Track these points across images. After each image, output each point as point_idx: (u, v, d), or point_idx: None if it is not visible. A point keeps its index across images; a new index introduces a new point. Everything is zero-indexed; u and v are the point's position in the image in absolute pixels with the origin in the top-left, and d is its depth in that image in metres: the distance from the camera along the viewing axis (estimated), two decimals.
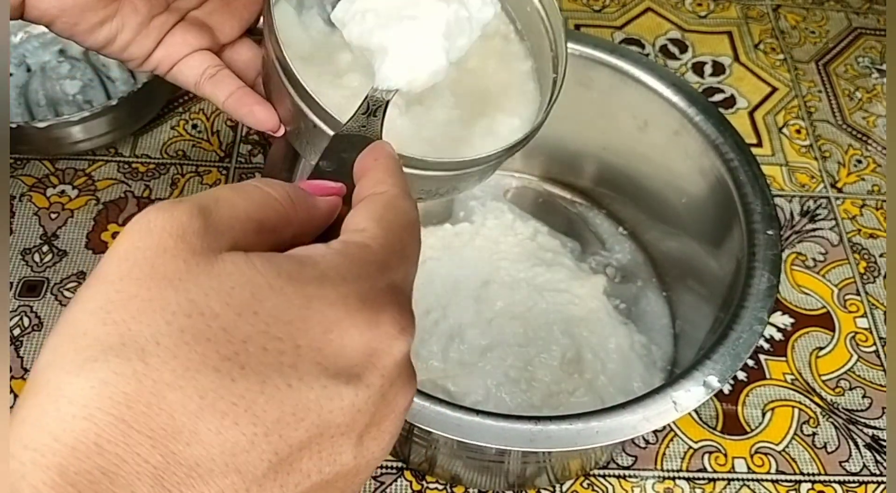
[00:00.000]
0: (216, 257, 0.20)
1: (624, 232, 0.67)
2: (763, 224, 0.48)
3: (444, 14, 0.36)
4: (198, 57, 0.42)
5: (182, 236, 0.20)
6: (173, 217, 0.20)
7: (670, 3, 0.87)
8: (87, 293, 0.20)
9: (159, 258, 0.20)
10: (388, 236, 0.24)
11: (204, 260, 0.20)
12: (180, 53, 0.42)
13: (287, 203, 0.24)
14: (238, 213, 0.22)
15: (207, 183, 0.67)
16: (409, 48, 0.36)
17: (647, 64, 0.57)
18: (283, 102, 0.41)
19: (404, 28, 0.35)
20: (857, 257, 0.69)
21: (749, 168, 0.51)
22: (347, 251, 0.23)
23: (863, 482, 0.57)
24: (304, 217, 0.25)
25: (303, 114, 0.39)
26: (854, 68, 0.83)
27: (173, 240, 0.20)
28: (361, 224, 0.24)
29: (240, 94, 0.42)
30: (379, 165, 0.27)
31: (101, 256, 0.62)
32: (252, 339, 0.19)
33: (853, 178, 0.74)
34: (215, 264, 0.20)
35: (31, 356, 0.58)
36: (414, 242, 0.25)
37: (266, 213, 0.23)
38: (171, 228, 0.20)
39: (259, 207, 0.23)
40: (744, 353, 0.43)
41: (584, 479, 0.56)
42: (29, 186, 0.66)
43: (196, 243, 0.20)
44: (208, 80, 0.42)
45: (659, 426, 0.41)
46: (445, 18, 0.36)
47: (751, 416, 0.59)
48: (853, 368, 0.62)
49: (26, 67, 0.71)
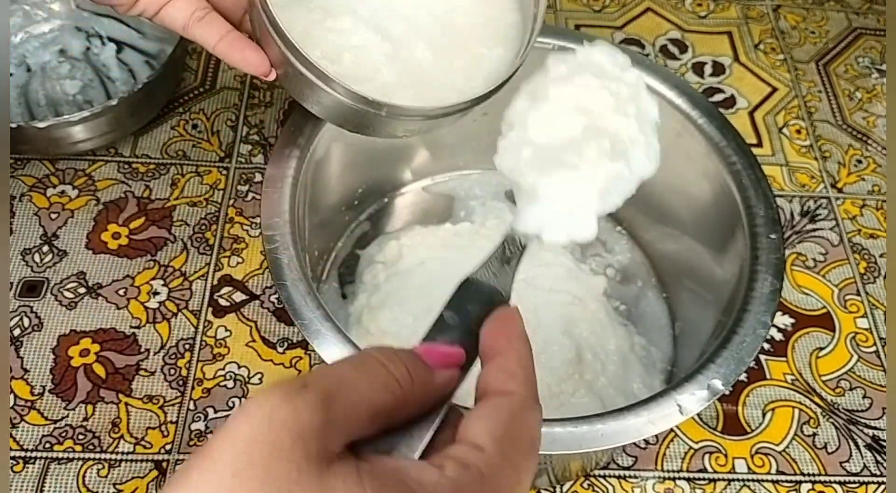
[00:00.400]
0: (329, 467, 0.20)
1: (622, 232, 0.67)
2: (766, 228, 0.48)
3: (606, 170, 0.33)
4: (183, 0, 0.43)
5: (301, 436, 0.20)
6: (296, 411, 0.20)
7: (670, 3, 0.87)
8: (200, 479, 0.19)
9: (275, 460, 0.19)
10: (504, 464, 0.23)
11: (316, 469, 0.20)
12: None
13: (406, 384, 0.23)
14: (359, 401, 0.22)
15: (207, 183, 0.67)
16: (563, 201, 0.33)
17: (648, 65, 0.56)
18: (270, 46, 0.42)
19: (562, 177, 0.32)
20: (857, 258, 0.69)
21: (752, 171, 0.51)
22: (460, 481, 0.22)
23: (863, 482, 0.57)
24: (421, 396, 0.24)
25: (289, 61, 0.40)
26: (854, 68, 0.83)
27: (291, 440, 0.20)
28: (480, 438, 0.23)
29: (230, 37, 0.43)
30: (511, 351, 0.26)
31: (101, 256, 0.63)
32: None
33: (853, 178, 0.74)
34: (328, 477, 0.20)
35: (31, 356, 0.58)
36: (530, 467, 0.24)
37: (385, 398, 0.23)
38: (292, 425, 0.20)
39: (379, 392, 0.23)
40: (747, 357, 0.43)
41: (585, 479, 0.56)
42: (29, 186, 0.66)
43: (312, 447, 0.20)
44: (197, 23, 0.43)
45: (663, 429, 0.41)
46: (606, 174, 0.33)
47: (751, 416, 0.59)
48: (853, 368, 0.62)
49: (26, 67, 0.71)
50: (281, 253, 0.46)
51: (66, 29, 0.73)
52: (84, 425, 0.55)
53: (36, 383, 0.57)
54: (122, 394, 0.57)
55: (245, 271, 0.63)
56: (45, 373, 0.57)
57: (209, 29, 0.43)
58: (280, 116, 0.73)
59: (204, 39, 0.43)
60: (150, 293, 0.61)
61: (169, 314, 0.60)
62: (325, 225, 0.61)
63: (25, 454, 0.54)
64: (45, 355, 0.58)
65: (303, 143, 0.51)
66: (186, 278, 0.62)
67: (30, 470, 0.53)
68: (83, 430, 0.55)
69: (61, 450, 0.54)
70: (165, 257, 0.63)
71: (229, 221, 0.66)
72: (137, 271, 0.62)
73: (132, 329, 0.60)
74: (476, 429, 0.24)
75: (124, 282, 0.62)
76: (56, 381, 0.57)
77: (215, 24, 0.43)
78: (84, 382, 0.57)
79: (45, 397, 0.56)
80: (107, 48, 0.73)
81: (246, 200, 0.67)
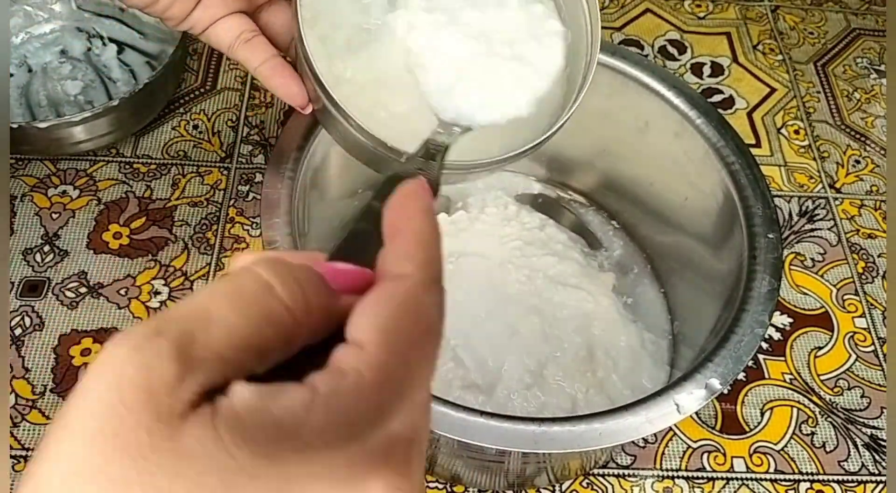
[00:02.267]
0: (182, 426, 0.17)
1: (619, 226, 0.67)
2: (764, 228, 0.48)
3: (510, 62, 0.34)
4: (234, 19, 0.42)
5: (150, 393, 0.17)
6: (146, 365, 0.17)
7: (669, 4, 0.87)
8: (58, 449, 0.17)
9: (124, 425, 0.17)
10: (390, 360, 0.19)
11: (167, 430, 0.17)
12: (217, 14, 0.42)
13: (300, 313, 0.19)
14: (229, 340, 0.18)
15: (208, 183, 0.68)
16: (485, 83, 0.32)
17: (648, 66, 0.57)
18: (307, 78, 0.41)
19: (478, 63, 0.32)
20: (855, 258, 0.69)
21: (750, 171, 0.51)
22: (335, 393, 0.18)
23: (861, 481, 0.57)
24: (319, 324, 0.20)
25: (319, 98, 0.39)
26: (852, 69, 0.84)
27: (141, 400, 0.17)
28: (364, 335, 0.19)
29: (274, 62, 0.42)
30: (409, 230, 0.22)
31: (101, 256, 0.63)
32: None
33: (851, 178, 0.75)
34: (180, 436, 0.17)
35: (32, 356, 0.58)
36: (425, 358, 0.20)
37: (267, 332, 0.19)
38: (140, 382, 0.17)
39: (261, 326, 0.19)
40: (745, 356, 0.43)
41: (584, 478, 0.56)
42: (30, 186, 0.66)
43: (164, 405, 0.17)
44: (243, 45, 0.42)
45: (661, 428, 0.41)
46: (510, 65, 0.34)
47: (749, 415, 0.60)
48: (852, 367, 0.63)
49: (28, 68, 0.71)
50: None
51: (67, 29, 0.74)
52: None
53: (37, 382, 0.57)
54: None
55: None
56: (46, 372, 0.57)
57: (254, 52, 0.42)
58: (281, 117, 0.73)
59: (248, 61, 0.42)
60: (151, 293, 0.62)
61: None
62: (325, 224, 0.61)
63: (27, 454, 0.54)
64: (47, 354, 0.58)
65: (303, 143, 0.51)
66: (187, 278, 0.63)
67: None
68: None
69: None
70: (166, 257, 0.64)
71: (230, 222, 0.66)
72: (138, 271, 0.63)
73: None
74: (360, 325, 0.19)
75: (125, 282, 0.62)
76: (57, 380, 0.57)
77: (261, 48, 0.42)
78: None
79: (46, 396, 0.56)
80: (108, 49, 0.73)
81: (247, 201, 0.67)
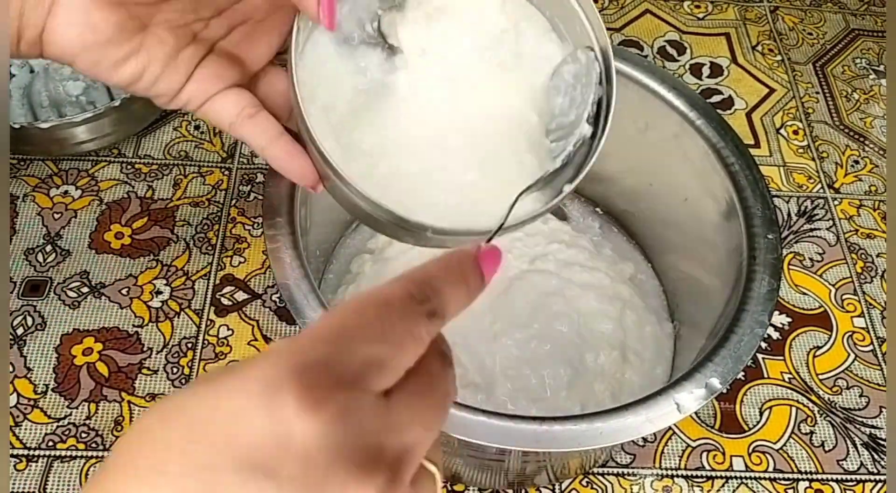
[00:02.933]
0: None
1: (619, 226, 0.68)
2: (763, 228, 0.49)
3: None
4: (232, 94, 0.39)
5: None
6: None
7: (668, 5, 0.88)
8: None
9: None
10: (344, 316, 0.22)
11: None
12: (213, 89, 0.39)
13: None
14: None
15: (210, 183, 0.68)
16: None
17: (647, 67, 0.57)
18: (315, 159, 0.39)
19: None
20: (854, 257, 0.69)
21: (749, 172, 0.51)
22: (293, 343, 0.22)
23: (860, 480, 0.58)
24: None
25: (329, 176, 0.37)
26: (851, 70, 0.84)
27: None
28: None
29: (282, 142, 0.39)
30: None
31: (103, 256, 0.63)
32: (173, 445, 0.20)
33: (850, 178, 0.75)
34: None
35: (33, 356, 0.58)
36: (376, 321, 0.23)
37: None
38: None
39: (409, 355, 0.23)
40: (745, 356, 0.43)
41: (584, 477, 0.56)
42: (32, 186, 0.66)
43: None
44: (246, 121, 0.39)
45: (661, 427, 0.41)
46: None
47: (749, 415, 0.60)
48: (850, 367, 0.63)
49: (29, 68, 0.71)
50: (283, 253, 0.46)
51: None
52: (87, 423, 0.56)
53: (39, 381, 0.57)
54: (125, 393, 0.57)
55: (247, 271, 0.64)
56: (48, 372, 0.58)
57: (259, 129, 0.39)
58: None
59: (253, 140, 0.39)
60: (152, 293, 0.62)
61: (171, 313, 0.61)
62: (326, 224, 0.61)
63: (29, 453, 0.54)
64: (49, 353, 0.58)
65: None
66: (189, 278, 0.63)
67: (33, 469, 0.54)
68: (86, 428, 0.56)
69: (64, 449, 0.55)
70: (168, 257, 0.64)
71: (231, 221, 0.66)
72: (140, 271, 0.63)
73: (135, 328, 0.60)
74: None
75: (127, 281, 0.62)
76: (59, 380, 0.57)
77: (266, 125, 0.39)
78: (87, 380, 0.57)
79: (48, 395, 0.57)
80: None
81: (248, 200, 0.67)
